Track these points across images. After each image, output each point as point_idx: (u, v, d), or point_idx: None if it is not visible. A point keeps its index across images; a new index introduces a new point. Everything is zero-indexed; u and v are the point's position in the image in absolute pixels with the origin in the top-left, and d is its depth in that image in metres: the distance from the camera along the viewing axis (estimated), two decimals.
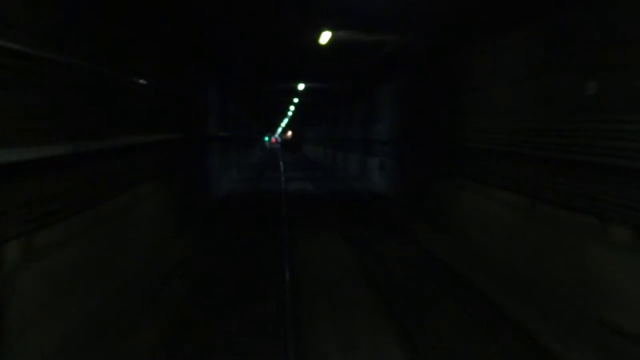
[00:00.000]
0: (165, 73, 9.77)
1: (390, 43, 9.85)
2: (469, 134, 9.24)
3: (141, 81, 8.18)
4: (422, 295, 6.75)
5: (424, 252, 8.97)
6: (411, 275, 7.60)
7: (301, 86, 18.84)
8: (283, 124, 65.87)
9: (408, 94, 14.29)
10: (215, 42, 10.58)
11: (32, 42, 4.25)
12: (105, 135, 6.16)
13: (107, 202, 6.11)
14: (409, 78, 14.00)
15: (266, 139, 72.46)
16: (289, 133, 72.33)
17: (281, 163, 36.76)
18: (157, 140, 9.02)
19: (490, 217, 8.33)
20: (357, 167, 24.67)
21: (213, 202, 14.61)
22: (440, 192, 10.92)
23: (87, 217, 5.42)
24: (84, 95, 5.52)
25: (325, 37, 9.03)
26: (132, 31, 7.40)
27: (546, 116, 6.77)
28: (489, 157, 8.35)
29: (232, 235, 10.22)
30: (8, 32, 3.86)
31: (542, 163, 6.83)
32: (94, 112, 5.83)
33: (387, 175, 17.56)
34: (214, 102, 17.49)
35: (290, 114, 41.12)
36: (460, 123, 9.61)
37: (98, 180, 5.85)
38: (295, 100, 26.18)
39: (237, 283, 7.14)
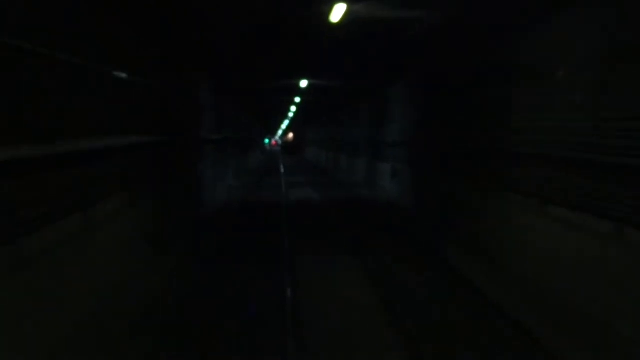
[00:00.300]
0: (145, 64, 7.90)
1: (419, 22, 7.93)
2: (523, 137, 7.33)
3: (114, 73, 6.31)
4: None
5: (470, 292, 7.05)
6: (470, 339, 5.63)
7: (304, 83, 17.00)
8: (284, 126, 64.01)
9: (432, 88, 12.37)
10: (207, 24, 8.70)
11: None
12: (38, 139, 4.28)
13: (33, 235, 4.22)
14: (436, 68, 12.10)
15: (266, 141, 70.73)
16: (290, 135, 70.43)
17: (282, 167, 34.89)
18: (130, 143, 7.16)
19: (557, 248, 6.39)
20: (364, 172, 22.78)
21: (204, 216, 12.70)
22: (479, 209, 8.98)
23: None
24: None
25: (338, 11, 7.12)
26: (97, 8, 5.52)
27: None
28: (553, 166, 6.42)
29: (221, 265, 8.27)
30: None
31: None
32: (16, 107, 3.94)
33: (400, 184, 15.65)
34: (209, 102, 15.78)
35: (291, 115, 39.27)
36: (507, 122, 7.69)
37: (15, 204, 3.96)
38: (297, 99, 24.35)
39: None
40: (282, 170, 31.71)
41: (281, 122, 56.28)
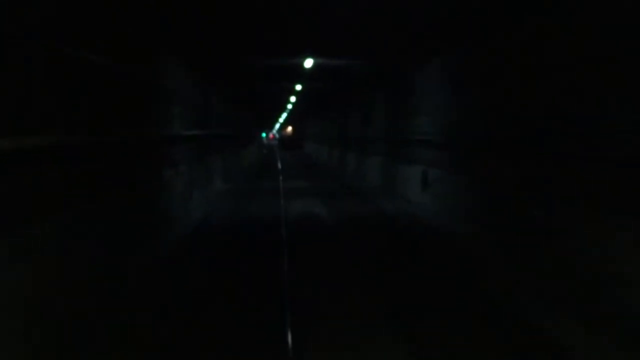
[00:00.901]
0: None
1: None
2: None
3: None
4: None
5: None
6: None
7: (309, 62, 13.02)
8: (281, 119, 59.93)
9: (497, 64, 8.37)
10: None
11: None
12: None
13: None
14: (508, 33, 8.14)
15: (263, 135, 67.21)
16: (289, 129, 66.23)
17: (279, 166, 30.95)
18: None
19: None
20: (380, 176, 18.83)
21: (166, 246, 8.69)
22: (607, 249, 4.98)
23: None
24: None
25: None
26: None
27: None
28: None
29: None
30: None
31: None
32: None
33: (438, 196, 11.68)
34: (185, 90, 12.10)
35: (290, 106, 35.26)
36: None
37: None
38: (298, 87, 20.40)
39: None
40: (281, 171, 27.71)
41: (279, 116, 52.37)
